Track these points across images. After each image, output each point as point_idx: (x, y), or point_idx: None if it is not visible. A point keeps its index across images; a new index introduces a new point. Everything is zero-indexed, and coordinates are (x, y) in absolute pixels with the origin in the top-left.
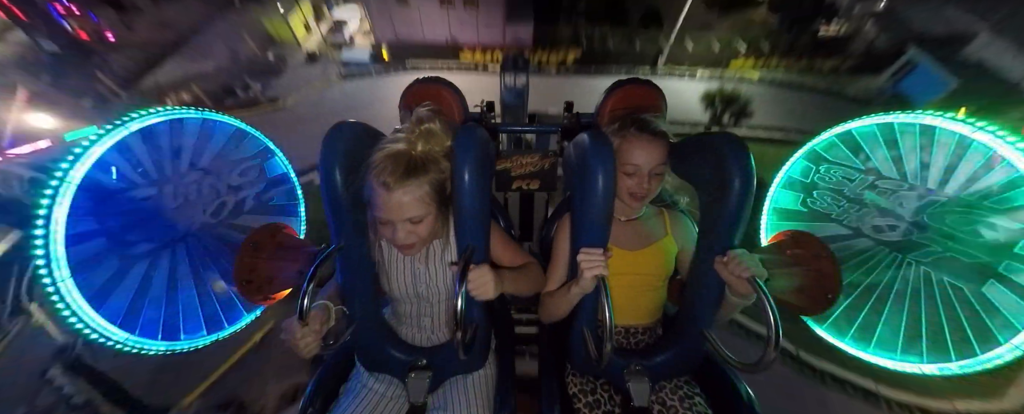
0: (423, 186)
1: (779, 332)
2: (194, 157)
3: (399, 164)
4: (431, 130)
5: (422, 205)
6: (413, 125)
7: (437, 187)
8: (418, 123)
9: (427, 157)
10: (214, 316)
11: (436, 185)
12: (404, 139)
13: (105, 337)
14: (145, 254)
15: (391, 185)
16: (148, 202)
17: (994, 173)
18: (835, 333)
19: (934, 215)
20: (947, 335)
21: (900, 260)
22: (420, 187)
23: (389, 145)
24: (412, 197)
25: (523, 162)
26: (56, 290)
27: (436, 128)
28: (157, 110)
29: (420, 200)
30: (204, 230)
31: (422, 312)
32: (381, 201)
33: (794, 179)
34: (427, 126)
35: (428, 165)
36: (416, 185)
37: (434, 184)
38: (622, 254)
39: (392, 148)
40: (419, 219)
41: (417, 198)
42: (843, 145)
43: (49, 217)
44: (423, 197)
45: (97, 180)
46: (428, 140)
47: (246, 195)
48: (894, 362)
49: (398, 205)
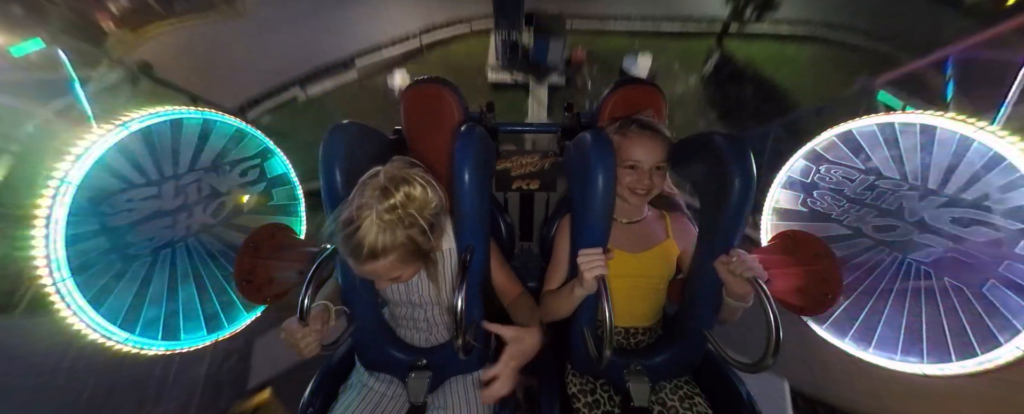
0: (393, 254)
1: (779, 332)
2: (194, 157)
3: (365, 237)
4: (398, 203)
5: (395, 270)
6: (378, 191)
7: (411, 250)
8: (384, 194)
9: (396, 224)
10: (214, 316)
11: (409, 248)
12: (369, 205)
13: (105, 337)
14: (145, 254)
15: (359, 258)
16: (148, 202)
17: (995, 173)
18: (835, 333)
19: (935, 215)
20: (947, 335)
21: (900, 260)
22: (389, 256)
23: (351, 213)
24: (382, 266)
25: (523, 162)
26: (56, 290)
27: (410, 195)
28: (157, 111)
29: (391, 267)
30: (204, 230)
31: (418, 315)
32: (353, 270)
33: (794, 179)
34: (394, 200)
35: (396, 231)
36: (384, 256)
37: (407, 247)
38: (623, 256)
39: (358, 214)
40: (396, 277)
41: (387, 266)
42: (843, 145)
43: (49, 217)
44: (394, 263)
45: (97, 180)
46: (394, 210)
47: (246, 195)
48: (894, 362)
49: (370, 272)
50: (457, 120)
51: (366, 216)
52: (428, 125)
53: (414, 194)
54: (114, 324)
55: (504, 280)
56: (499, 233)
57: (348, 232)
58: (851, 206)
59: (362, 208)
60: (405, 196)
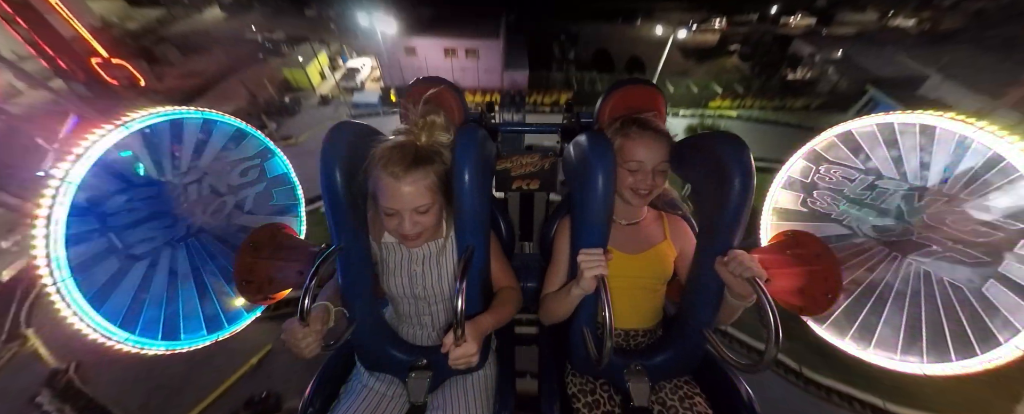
0: (429, 175)
1: (779, 332)
2: (194, 157)
3: (406, 154)
4: (434, 122)
5: (429, 194)
6: (416, 118)
7: (441, 177)
8: (422, 116)
9: (431, 148)
10: (214, 316)
11: (441, 175)
12: (408, 131)
13: (106, 337)
14: (145, 254)
15: (399, 174)
16: (148, 202)
17: (994, 173)
18: (835, 333)
19: (934, 215)
20: (947, 335)
21: (900, 260)
22: (426, 176)
23: (394, 137)
24: (419, 186)
25: (523, 162)
26: (56, 290)
27: (439, 121)
28: (157, 111)
29: (427, 189)
30: (204, 230)
31: (421, 311)
32: (389, 191)
33: (794, 179)
34: (431, 118)
35: (432, 156)
36: (422, 174)
37: (439, 174)
38: (622, 257)
39: (397, 140)
40: (425, 209)
41: (424, 187)
42: (843, 145)
43: (49, 217)
44: (429, 186)
45: (97, 180)
46: (431, 132)
47: (246, 195)
48: (894, 362)
49: (406, 194)
50: (457, 120)
51: (409, 139)
52: None
53: (438, 120)
54: (114, 324)
55: (497, 270)
56: (499, 233)
57: (393, 152)
58: (851, 206)
59: (403, 134)
60: (432, 122)
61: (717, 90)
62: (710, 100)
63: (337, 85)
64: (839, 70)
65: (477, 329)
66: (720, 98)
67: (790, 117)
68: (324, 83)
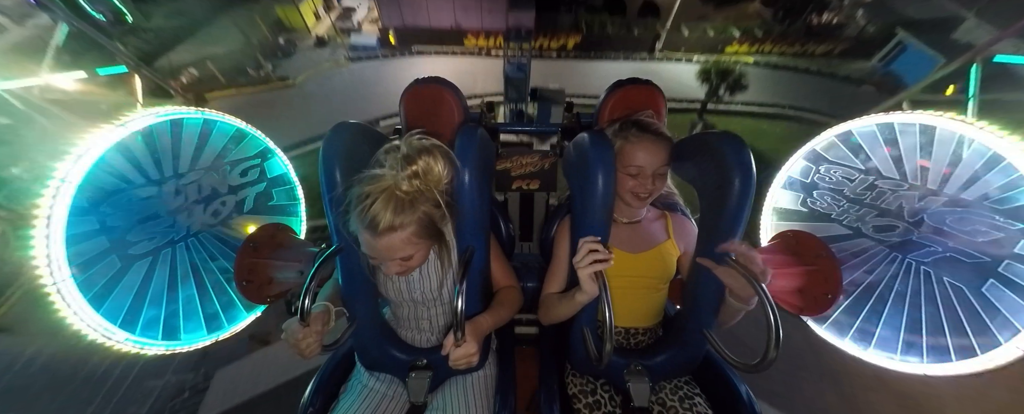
0: (411, 225)
1: (779, 332)
2: (194, 157)
3: (384, 208)
4: (429, 172)
5: (410, 245)
6: (400, 161)
7: (426, 224)
8: (406, 161)
9: (415, 196)
10: (214, 316)
11: (425, 222)
12: (389, 176)
13: (106, 337)
14: (145, 254)
15: (376, 230)
16: (148, 202)
17: (994, 173)
18: (835, 333)
19: (934, 215)
20: (947, 335)
21: (900, 260)
22: (406, 228)
23: (369, 186)
24: (397, 240)
25: (523, 162)
26: (57, 290)
27: (437, 170)
28: (158, 111)
29: (407, 242)
30: (204, 230)
31: (420, 315)
32: (366, 243)
33: (794, 179)
34: (416, 167)
35: (416, 204)
36: (400, 229)
37: (423, 222)
38: (623, 256)
39: (376, 186)
40: (409, 256)
41: (402, 240)
42: (843, 145)
43: (49, 217)
44: (411, 237)
45: (97, 180)
46: (414, 178)
47: (246, 195)
48: (894, 362)
49: (385, 248)
50: (457, 120)
51: (386, 186)
52: (428, 125)
53: (434, 166)
54: (114, 324)
55: (496, 270)
56: (499, 233)
57: (366, 204)
58: (851, 206)
59: (382, 178)
60: (426, 166)
61: (734, 34)
62: (727, 45)
63: (333, 26)
64: (868, 12)
65: (477, 329)
66: (737, 43)
67: (810, 63)
68: (319, 24)
